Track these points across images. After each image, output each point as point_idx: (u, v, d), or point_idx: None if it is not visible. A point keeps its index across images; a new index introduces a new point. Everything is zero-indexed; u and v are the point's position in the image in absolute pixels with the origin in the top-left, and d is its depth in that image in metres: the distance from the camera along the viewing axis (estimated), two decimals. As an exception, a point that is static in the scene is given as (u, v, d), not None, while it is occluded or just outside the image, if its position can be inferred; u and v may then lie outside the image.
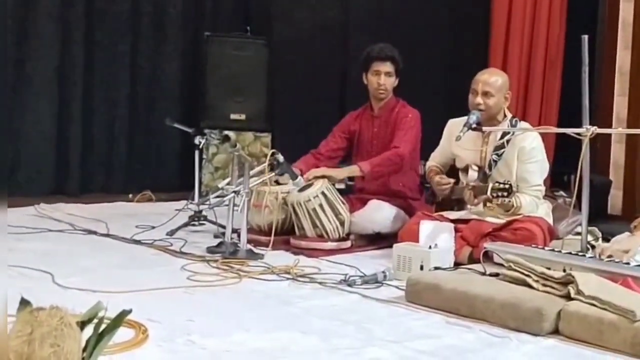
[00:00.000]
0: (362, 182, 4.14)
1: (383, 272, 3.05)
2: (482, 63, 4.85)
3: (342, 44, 5.80)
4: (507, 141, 3.54)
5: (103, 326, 1.54)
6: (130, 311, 1.59)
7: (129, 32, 5.47)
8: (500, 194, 3.29)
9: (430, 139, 3.96)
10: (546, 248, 3.09)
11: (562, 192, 4.43)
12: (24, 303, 1.57)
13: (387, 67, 3.98)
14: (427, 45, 5.66)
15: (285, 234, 3.77)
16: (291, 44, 5.76)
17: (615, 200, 4.98)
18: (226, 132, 3.90)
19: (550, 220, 3.56)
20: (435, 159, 3.86)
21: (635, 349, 2.21)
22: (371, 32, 5.26)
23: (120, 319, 1.54)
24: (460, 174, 3.67)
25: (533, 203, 3.49)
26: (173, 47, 5.66)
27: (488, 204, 3.38)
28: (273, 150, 3.68)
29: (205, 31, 5.60)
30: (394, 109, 4.04)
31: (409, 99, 4.12)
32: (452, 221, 3.43)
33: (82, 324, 1.52)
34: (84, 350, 1.51)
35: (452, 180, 3.63)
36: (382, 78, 3.98)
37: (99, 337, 1.51)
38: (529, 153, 3.50)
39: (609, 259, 2.77)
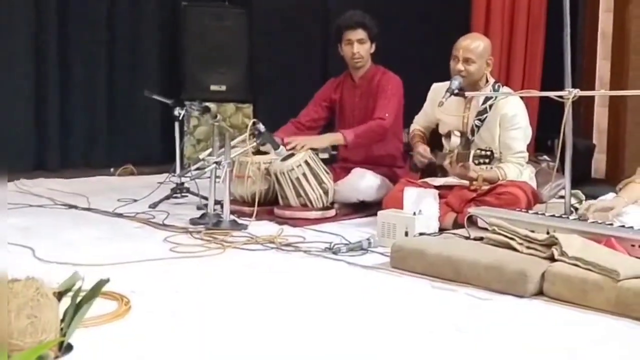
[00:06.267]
0: (346, 151, 4.11)
1: (368, 239, 3.04)
2: (465, 27, 4.82)
3: (323, 12, 5.74)
4: (490, 106, 3.52)
5: (81, 297, 1.52)
6: (108, 280, 1.57)
7: (104, 3, 5.38)
8: (482, 160, 3.28)
9: (413, 105, 3.93)
10: (530, 211, 3.09)
11: (545, 157, 4.44)
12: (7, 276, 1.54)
13: (359, 34, 3.91)
14: (409, 10, 5.62)
15: (269, 204, 3.74)
16: (271, 13, 5.70)
17: (599, 163, 5.01)
18: (206, 103, 3.87)
19: (534, 185, 3.56)
20: (419, 122, 3.85)
21: (618, 308, 2.22)
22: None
23: (98, 289, 1.51)
24: (443, 140, 3.65)
25: (517, 170, 3.48)
26: (150, 17, 5.58)
27: (474, 182, 3.37)
28: (254, 120, 3.64)
29: (182, 0, 5.52)
30: (375, 78, 4.00)
31: (391, 65, 4.07)
32: (437, 187, 3.42)
33: (60, 295, 1.50)
34: (62, 320, 1.48)
35: (432, 158, 3.60)
36: (356, 46, 3.91)
37: (77, 308, 1.49)
38: (511, 120, 3.48)
39: (593, 220, 2.78)
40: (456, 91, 3.41)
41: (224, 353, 1.91)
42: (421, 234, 2.99)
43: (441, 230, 3.14)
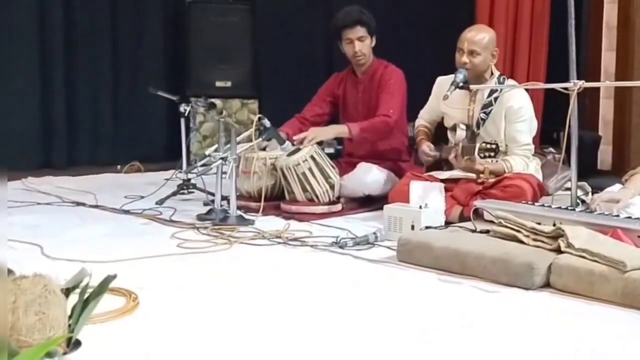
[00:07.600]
0: (351, 146, 4.11)
1: (374, 233, 3.04)
2: (469, 19, 4.81)
3: (327, 6, 5.73)
4: (495, 99, 3.51)
5: (88, 293, 1.52)
6: (115, 276, 1.58)
7: (109, 0, 5.38)
8: (487, 153, 3.28)
9: (417, 99, 3.92)
10: (536, 204, 3.08)
11: (551, 149, 4.42)
12: (7, 272, 1.55)
13: (359, 32, 3.88)
14: (413, 2, 5.60)
15: (275, 199, 3.75)
16: (275, 8, 5.69)
17: (604, 155, 4.99)
18: (212, 99, 3.87)
19: (540, 177, 3.55)
20: (424, 116, 3.84)
21: (625, 299, 2.22)
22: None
23: (105, 285, 1.52)
24: (449, 133, 3.65)
25: (523, 163, 3.47)
26: (155, 14, 5.58)
27: (481, 175, 3.36)
28: (259, 116, 3.64)
29: (187, -3, 5.52)
30: (377, 72, 3.99)
31: (395, 58, 4.06)
32: (442, 181, 3.42)
33: (67, 291, 1.51)
34: (70, 317, 1.49)
35: (437, 154, 3.60)
36: (357, 45, 3.89)
37: (84, 304, 1.50)
38: (516, 112, 3.47)
39: (599, 212, 2.77)
40: (461, 84, 3.40)
41: (232, 348, 1.91)
42: (427, 227, 2.99)
43: (447, 223, 3.14)
